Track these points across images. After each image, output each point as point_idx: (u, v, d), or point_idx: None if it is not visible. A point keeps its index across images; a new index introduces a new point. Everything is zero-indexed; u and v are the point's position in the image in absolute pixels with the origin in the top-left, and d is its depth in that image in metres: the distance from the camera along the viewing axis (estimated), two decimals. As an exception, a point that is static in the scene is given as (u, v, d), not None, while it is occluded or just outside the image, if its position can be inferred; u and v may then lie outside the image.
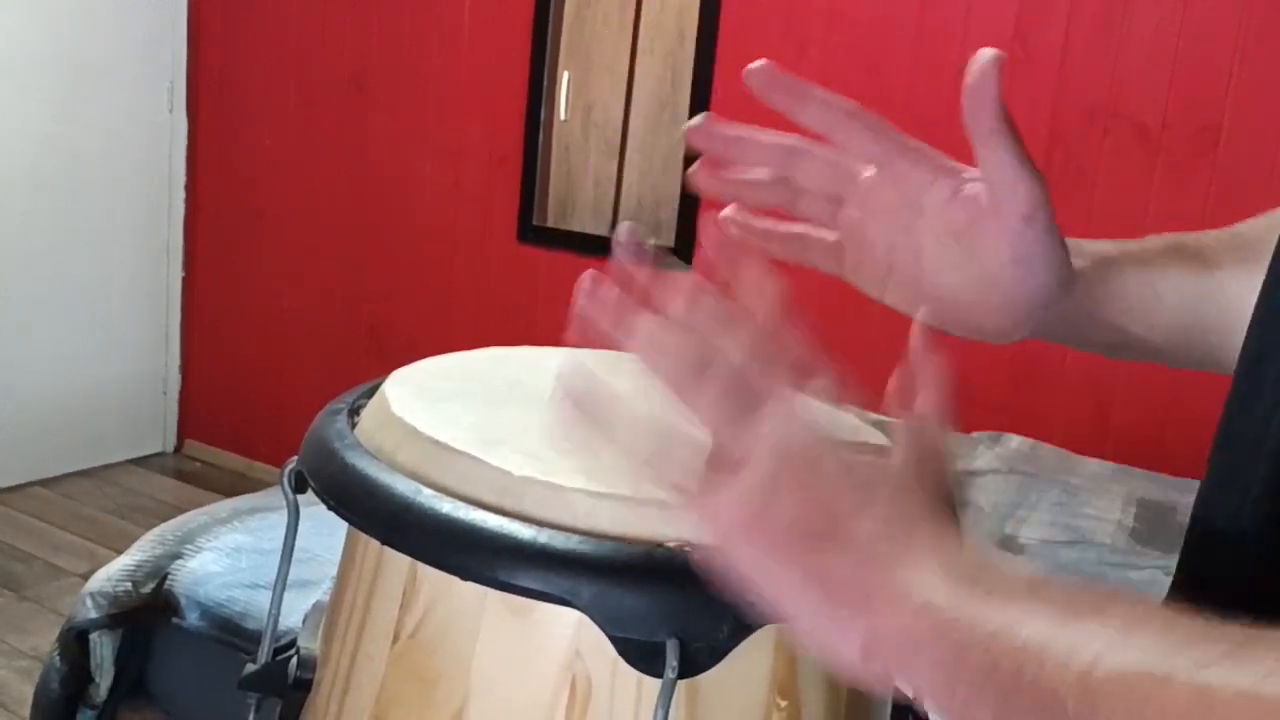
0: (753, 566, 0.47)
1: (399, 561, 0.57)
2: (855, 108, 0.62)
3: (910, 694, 0.46)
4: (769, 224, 0.67)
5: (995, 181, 0.59)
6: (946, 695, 0.44)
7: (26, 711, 2.23)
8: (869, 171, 0.63)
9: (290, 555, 0.65)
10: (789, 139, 0.64)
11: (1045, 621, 0.41)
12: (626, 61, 3.29)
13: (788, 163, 0.65)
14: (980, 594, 0.44)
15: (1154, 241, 0.68)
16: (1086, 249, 0.65)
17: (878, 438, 0.65)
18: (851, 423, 0.66)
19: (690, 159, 0.66)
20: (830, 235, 0.66)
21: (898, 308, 0.65)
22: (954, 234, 0.62)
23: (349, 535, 0.62)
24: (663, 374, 0.50)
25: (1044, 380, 2.76)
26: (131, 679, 2.22)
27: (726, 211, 0.67)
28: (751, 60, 0.61)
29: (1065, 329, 0.66)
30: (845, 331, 2.86)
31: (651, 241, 0.57)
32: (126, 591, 2.12)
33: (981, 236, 0.61)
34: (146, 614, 2.13)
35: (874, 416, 0.61)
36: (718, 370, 0.49)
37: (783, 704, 0.55)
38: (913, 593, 0.45)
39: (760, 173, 0.65)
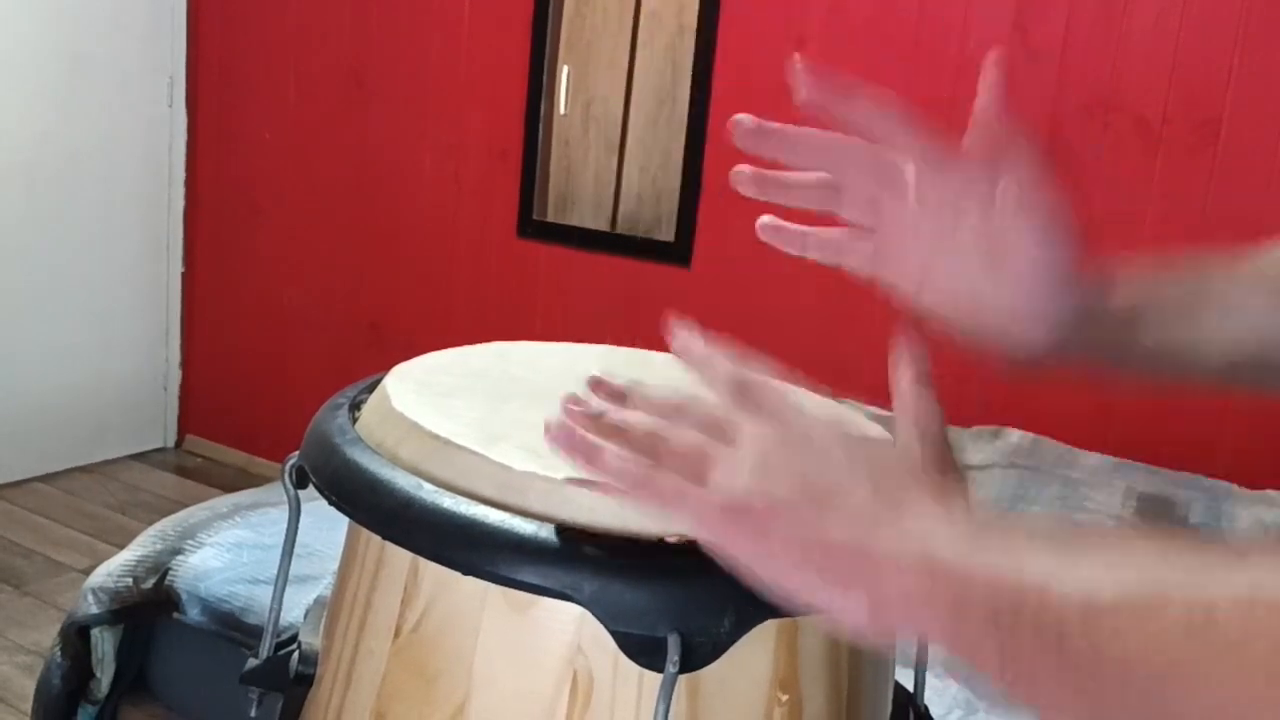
0: (749, 554, 0.48)
1: (400, 557, 0.57)
2: (898, 107, 0.62)
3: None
4: (806, 229, 0.67)
5: (1015, 189, 0.60)
6: (953, 641, 0.45)
7: (28, 707, 2.23)
8: (912, 169, 0.63)
9: (292, 550, 0.65)
10: (837, 137, 0.64)
11: (1044, 559, 0.42)
12: (626, 55, 3.29)
13: (835, 161, 0.64)
14: (978, 541, 0.45)
15: (1221, 261, 0.67)
16: (1126, 269, 0.65)
17: (876, 430, 0.65)
18: (847, 413, 0.66)
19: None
20: (867, 241, 0.66)
21: (931, 314, 0.65)
22: (987, 237, 0.62)
23: (350, 530, 0.62)
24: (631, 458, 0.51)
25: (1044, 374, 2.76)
26: (133, 674, 2.22)
27: (763, 220, 0.67)
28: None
29: (1106, 347, 0.66)
30: (855, 330, 2.85)
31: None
32: (128, 587, 2.12)
33: (1007, 241, 0.61)
34: (148, 609, 2.13)
35: (874, 410, 0.61)
36: (692, 411, 0.51)
37: (784, 698, 0.55)
38: (910, 548, 0.46)
39: (804, 176, 0.65)
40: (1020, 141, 0.59)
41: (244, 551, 2.18)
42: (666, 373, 0.71)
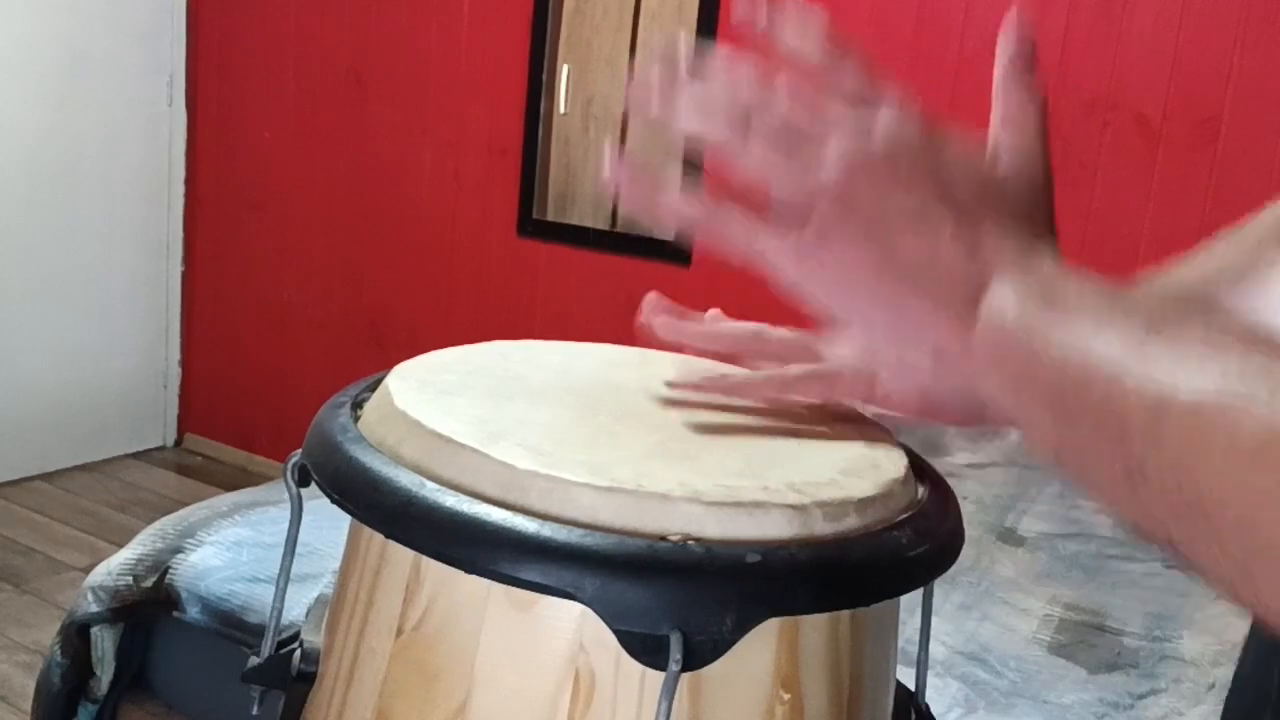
0: (824, 295, 0.47)
1: (402, 555, 0.57)
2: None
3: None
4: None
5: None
6: (1013, 408, 0.44)
7: (28, 705, 2.23)
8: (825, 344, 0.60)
9: (294, 549, 0.65)
10: (748, 327, 0.63)
11: (1122, 345, 0.40)
12: (626, 54, 3.29)
13: (750, 345, 0.63)
14: (1054, 311, 0.42)
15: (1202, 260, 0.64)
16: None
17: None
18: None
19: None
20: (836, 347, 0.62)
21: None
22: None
23: (352, 529, 0.63)
24: (709, 136, 0.49)
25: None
26: (133, 673, 2.22)
27: (711, 313, 0.65)
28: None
29: None
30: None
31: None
32: (127, 585, 2.12)
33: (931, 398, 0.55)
34: (148, 608, 2.13)
35: (874, 410, 0.61)
36: (762, 119, 0.48)
37: (786, 697, 0.55)
38: (988, 304, 0.44)
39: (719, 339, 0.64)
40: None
41: (244, 550, 2.19)
42: (669, 373, 0.71)
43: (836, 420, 0.65)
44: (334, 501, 0.57)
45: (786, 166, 0.48)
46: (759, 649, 0.54)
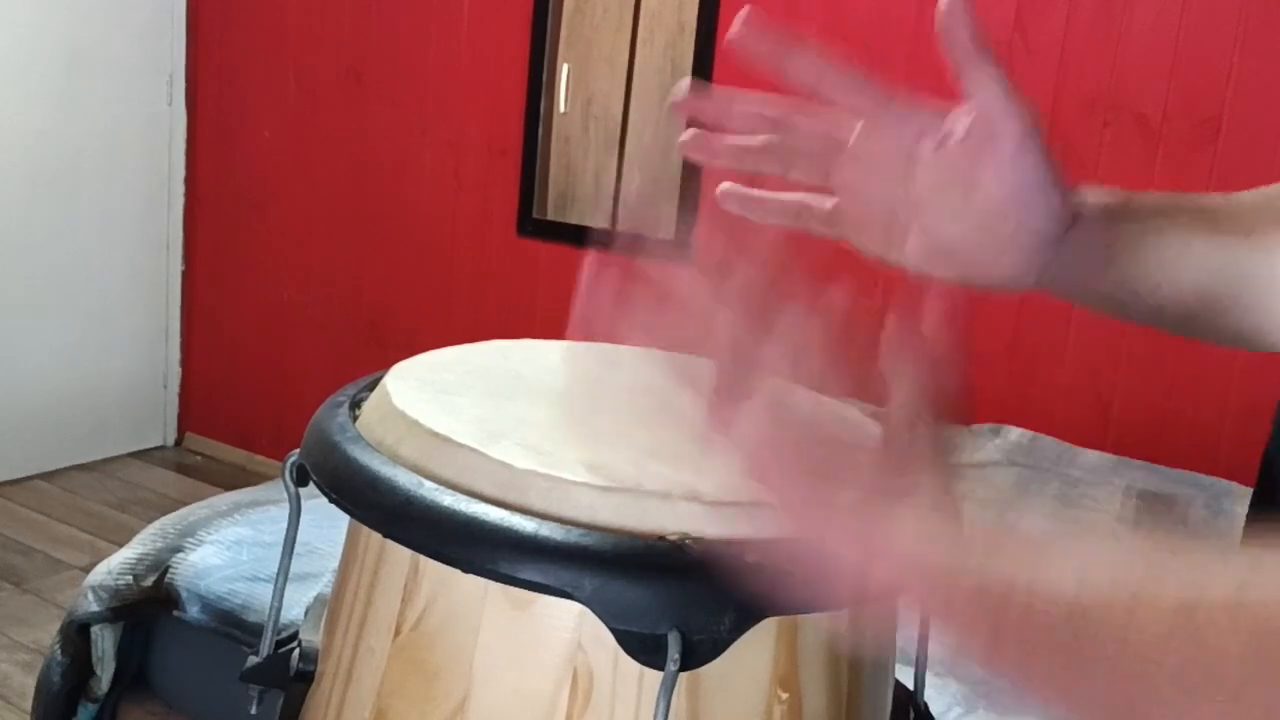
0: (768, 485, 0.49)
1: (401, 554, 0.57)
2: (842, 61, 0.61)
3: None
4: (766, 194, 0.67)
5: (984, 112, 0.59)
6: (944, 626, 0.46)
7: (28, 705, 2.23)
8: (858, 127, 0.62)
9: (292, 548, 0.65)
10: (777, 101, 0.64)
11: (1032, 553, 0.43)
12: (626, 53, 3.29)
13: (778, 125, 0.64)
14: (967, 539, 0.45)
15: (1174, 199, 0.66)
16: (1092, 199, 0.64)
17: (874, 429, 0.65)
18: (851, 414, 0.66)
19: (691, 164, 0.66)
20: (828, 201, 0.65)
21: (904, 265, 0.64)
22: (950, 179, 0.61)
23: (351, 528, 0.63)
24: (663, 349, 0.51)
25: (1043, 372, 2.76)
26: (133, 672, 2.22)
27: (724, 186, 0.67)
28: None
29: (1070, 281, 0.64)
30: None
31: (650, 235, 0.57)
32: (127, 584, 2.12)
33: (977, 174, 0.60)
34: (148, 607, 2.13)
35: (873, 409, 0.61)
36: (718, 337, 0.50)
37: (784, 696, 0.55)
38: (904, 535, 0.46)
39: (750, 139, 0.65)
40: (987, 62, 0.57)
41: (244, 549, 2.19)
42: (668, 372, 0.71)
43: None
44: (332, 501, 0.57)
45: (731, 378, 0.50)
46: (757, 648, 0.54)
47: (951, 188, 0.61)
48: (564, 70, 3.36)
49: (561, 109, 3.38)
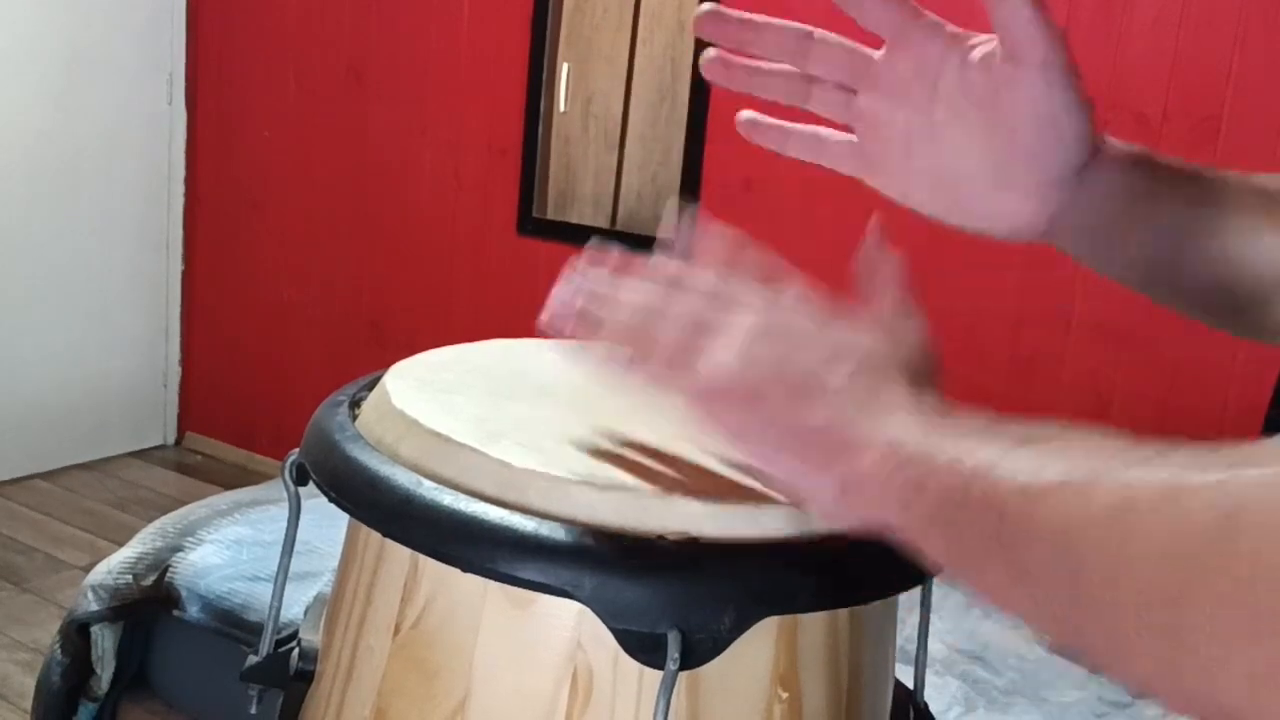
0: (734, 427, 0.51)
1: (400, 554, 0.57)
2: None
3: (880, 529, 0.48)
4: (785, 124, 0.67)
5: (1009, 34, 0.58)
6: (906, 526, 0.47)
7: (28, 704, 2.23)
8: (880, 53, 0.62)
9: (292, 547, 0.65)
10: (800, 26, 0.63)
11: (996, 448, 0.44)
12: (626, 53, 3.29)
13: (800, 50, 0.64)
14: (938, 430, 0.47)
15: (1219, 175, 0.64)
16: (1123, 147, 0.63)
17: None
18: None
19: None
20: (846, 135, 0.65)
21: (920, 208, 0.64)
22: (972, 103, 0.60)
23: (350, 527, 0.63)
24: (627, 332, 0.53)
25: (1043, 374, 2.76)
26: (133, 671, 2.22)
27: (743, 115, 0.66)
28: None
29: (1087, 229, 0.63)
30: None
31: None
32: (127, 584, 2.12)
33: (998, 99, 0.59)
34: (148, 606, 2.13)
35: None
36: (680, 304, 0.53)
37: (784, 695, 0.55)
38: (880, 435, 0.48)
39: (773, 65, 0.65)
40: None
41: (244, 549, 2.19)
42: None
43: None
44: (332, 500, 0.57)
45: (694, 330, 0.52)
46: (757, 647, 0.54)
47: (971, 113, 0.60)
48: (564, 69, 3.36)
49: (561, 108, 3.38)
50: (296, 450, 0.62)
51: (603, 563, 0.51)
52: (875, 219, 0.57)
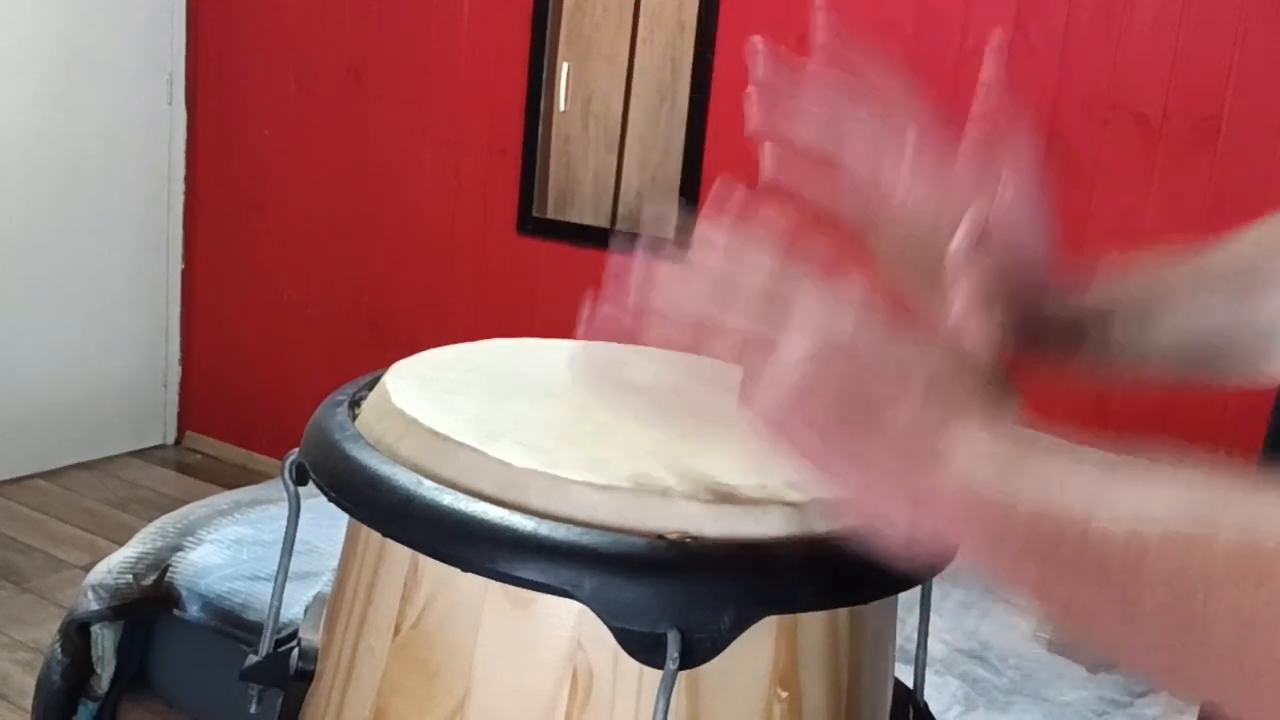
0: (801, 449, 0.49)
1: (400, 553, 0.57)
2: (903, 76, 0.62)
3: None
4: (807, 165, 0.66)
5: (1009, 225, 0.59)
6: (993, 567, 0.45)
7: (28, 704, 2.23)
8: (913, 134, 0.62)
9: (291, 547, 0.65)
10: (850, 81, 0.63)
11: (1088, 488, 0.42)
12: (626, 52, 3.29)
13: (843, 104, 0.63)
14: (1021, 467, 0.44)
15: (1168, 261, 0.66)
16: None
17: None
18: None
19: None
20: (860, 192, 0.64)
21: (895, 278, 0.64)
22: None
23: (350, 527, 0.62)
24: (683, 324, 0.50)
25: (1044, 372, 2.76)
26: (133, 671, 2.22)
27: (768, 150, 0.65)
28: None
29: (1069, 350, 0.65)
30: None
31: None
32: (128, 583, 2.12)
33: (999, 234, 0.60)
34: (148, 606, 2.13)
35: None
36: (738, 303, 0.49)
37: (784, 694, 0.55)
38: (954, 472, 0.45)
39: (812, 105, 0.64)
40: (1020, 132, 0.58)
41: (244, 548, 2.19)
42: (669, 371, 0.71)
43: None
44: (331, 500, 0.57)
45: (757, 335, 0.49)
46: (757, 647, 0.54)
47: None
48: (564, 69, 3.36)
49: (561, 108, 3.38)
50: (296, 450, 0.62)
51: (603, 562, 0.51)
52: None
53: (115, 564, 2.16)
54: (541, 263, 3.43)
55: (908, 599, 0.61)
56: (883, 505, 0.48)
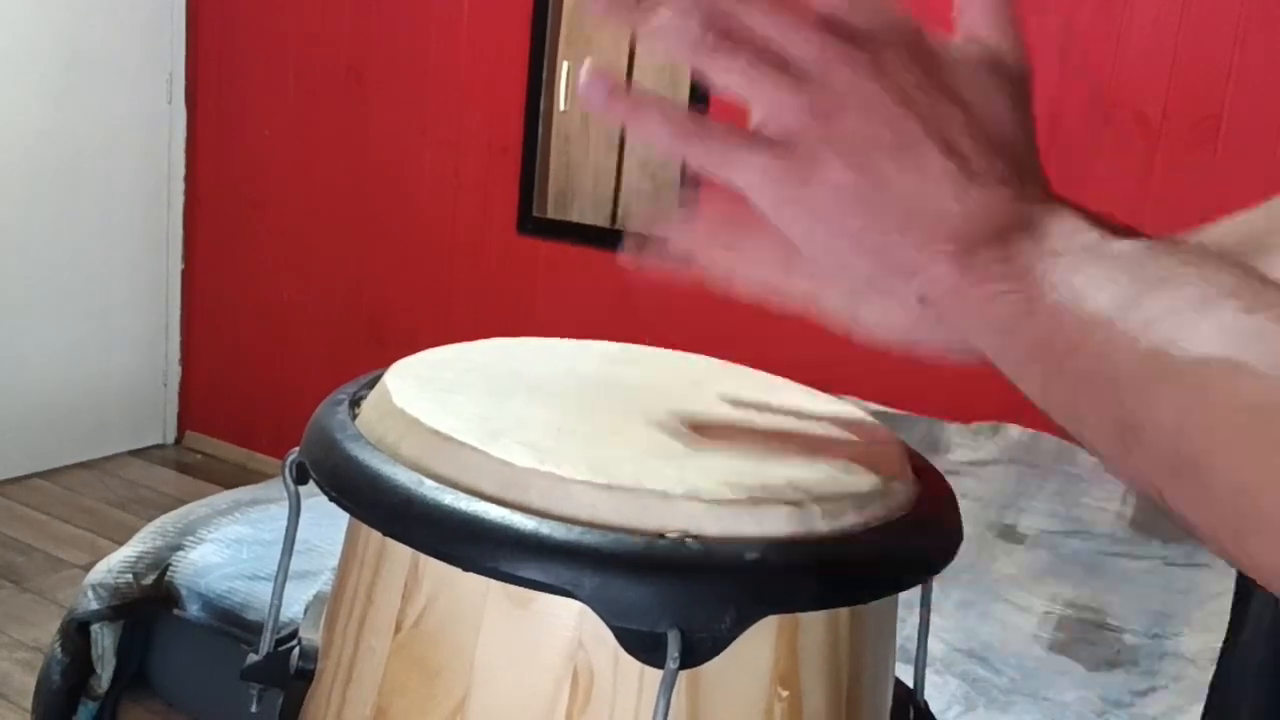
0: (815, 200, 0.43)
1: (401, 553, 0.57)
2: None
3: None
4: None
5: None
6: (997, 355, 0.42)
7: (28, 703, 2.23)
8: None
9: (292, 546, 0.65)
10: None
11: (1117, 295, 0.38)
12: (626, 52, 3.29)
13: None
14: (1049, 253, 0.40)
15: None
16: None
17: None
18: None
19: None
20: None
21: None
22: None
23: (350, 526, 0.62)
24: (683, 49, 0.45)
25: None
26: (133, 670, 2.22)
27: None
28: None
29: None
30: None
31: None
32: (128, 583, 2.12)
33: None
34: (148, 605, 2.13)
35: (875, 407, 0.61)
36: (745, 32, 0.44)
37: (784, 694, 0.55)
38: (975, 249, 0.41)
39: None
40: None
41: (244, 548, 2.19)
42: (669, 370, 0.71)
43: (836, 418, 0.65)
44: (332, 499, 0.57)
45: (773, 82, 0.44)
46: (757, 646, 0.54)
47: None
48: (564, 68, 3.36)
49: (561, 107, 3.38)
50: (296, 449, 0.62)
51: (603, 562, 0.51)
52: None
53: (115, 563, 2.16)
54: (541, 262, 3.43)
55: (908, 599, 0.61)
56: (891, 288, 0.43)
